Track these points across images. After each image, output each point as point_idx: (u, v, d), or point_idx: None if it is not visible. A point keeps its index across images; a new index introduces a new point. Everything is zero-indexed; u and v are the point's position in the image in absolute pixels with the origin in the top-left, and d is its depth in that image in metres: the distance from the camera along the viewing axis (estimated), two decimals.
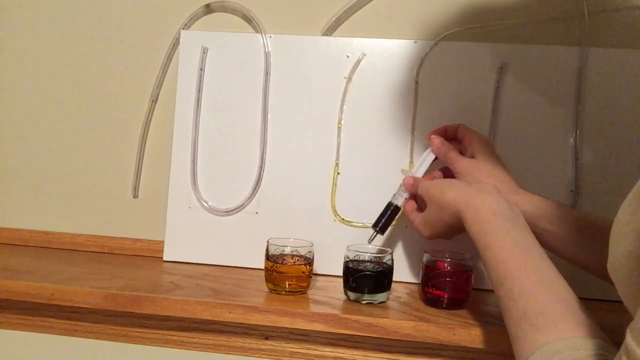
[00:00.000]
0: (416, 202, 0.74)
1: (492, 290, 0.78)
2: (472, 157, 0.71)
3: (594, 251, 0.61)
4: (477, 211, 0.58)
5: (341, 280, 0.73)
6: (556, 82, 0.80)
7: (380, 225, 0.75)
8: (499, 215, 0.57)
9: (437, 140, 0.73)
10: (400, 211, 0.75)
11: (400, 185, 0.75)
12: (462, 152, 0.73)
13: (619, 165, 0.79)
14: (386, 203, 0.75)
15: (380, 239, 0.82)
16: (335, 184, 0.84)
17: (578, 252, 0.63)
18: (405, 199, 0.74)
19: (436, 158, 0.74)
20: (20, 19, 0.93)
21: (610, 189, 0.79)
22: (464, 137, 0.74)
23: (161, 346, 0.77)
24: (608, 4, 0.81)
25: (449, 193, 0.63)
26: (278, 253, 0.73)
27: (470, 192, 0.61)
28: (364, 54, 0.84)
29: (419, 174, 0.75)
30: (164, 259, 0.87)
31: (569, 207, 0.65)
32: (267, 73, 0.85)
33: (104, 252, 0.91)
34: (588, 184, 0.80)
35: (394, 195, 0.75)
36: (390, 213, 0.75)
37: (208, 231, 0.86)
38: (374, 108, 0.83)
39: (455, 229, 0.65)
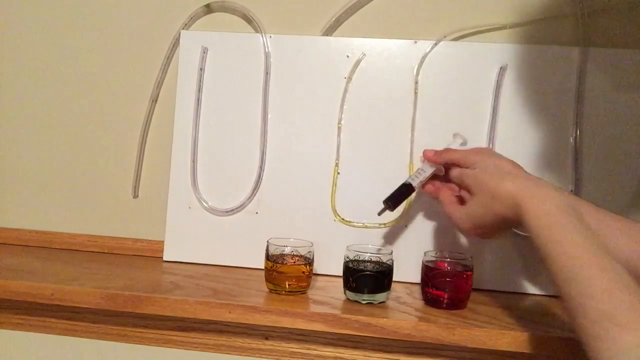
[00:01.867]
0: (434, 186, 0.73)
1: (492, 290, 0.80)
2: None
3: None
4: (542, 204, 0.55)
5: (341, 280, 0.73)
6: (556, 82, 0.80)
7: (392, 201, 0.74)
8: (564, 211, 0.54)
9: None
10: (414, 192, 0.75)
11: (419, 167, 0.75)
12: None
13: (619, 165, 0.79)
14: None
15: (381, 237, 0.82)
16: (335, 184, 0.84)
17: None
18: (421, 181, 0.74)
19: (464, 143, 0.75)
20: (20, 20, 0.93)
21: (610, 189, 0.79)
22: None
23: (161, 346, 0.77)
24: (607, 4, 0.81)
25: (506, 183, 0.59)
26: (278, 253, 0.73)
27: (532, 184, 0.58)
28: (364, 54, 0.84)
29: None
30: (164, 259, 0.87)
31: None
32: (267, 73, 0.85)
33: (104, 252, 0.91)
34: (588, 184, 0.80)
35: (411, 176, 0.75)
36: (403, 191, 0.74)
37: (208, 231, 0.86)
38: (374, 108, 0.83)
39: (502, 224, 0.61)
